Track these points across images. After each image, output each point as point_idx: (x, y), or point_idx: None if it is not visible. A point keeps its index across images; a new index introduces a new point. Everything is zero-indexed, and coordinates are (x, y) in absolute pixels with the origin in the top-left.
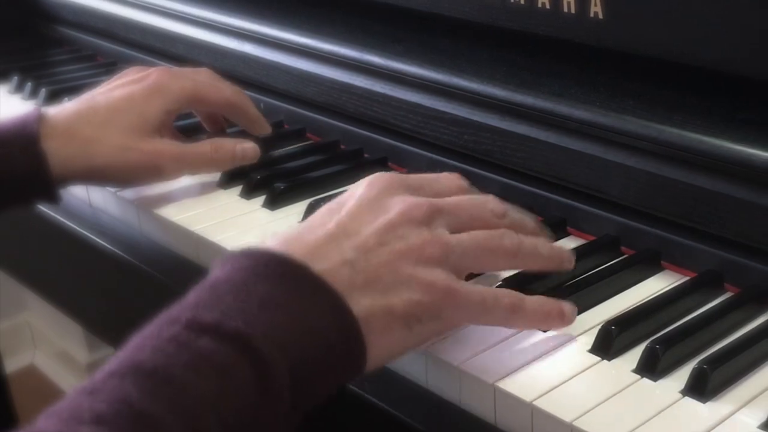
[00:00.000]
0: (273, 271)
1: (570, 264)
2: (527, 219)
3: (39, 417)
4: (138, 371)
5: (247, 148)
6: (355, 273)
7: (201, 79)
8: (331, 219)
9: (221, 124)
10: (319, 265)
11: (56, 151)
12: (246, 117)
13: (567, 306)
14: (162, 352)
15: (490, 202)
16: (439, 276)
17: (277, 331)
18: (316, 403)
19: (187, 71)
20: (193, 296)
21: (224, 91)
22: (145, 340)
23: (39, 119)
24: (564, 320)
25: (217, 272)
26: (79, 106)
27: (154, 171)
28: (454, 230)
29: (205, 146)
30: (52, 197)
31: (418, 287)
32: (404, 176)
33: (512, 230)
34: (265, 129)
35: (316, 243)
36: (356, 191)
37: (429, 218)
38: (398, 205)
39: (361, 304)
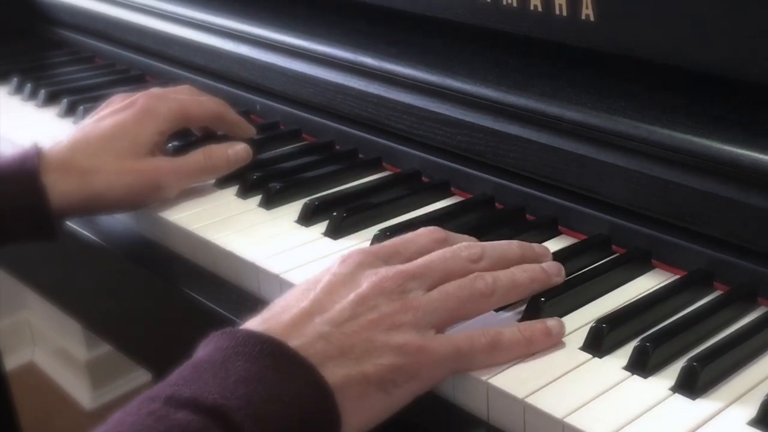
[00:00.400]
0: (251, 348)
1: (560, 277)
2: (510, 247)
3: None
4: None
5: (239, 150)
6: (330, 345)
7: (184, 98)
8: (306, 297)
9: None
10: (294, 342)
11: (54, 185)
12: (230, 124)
13: (551, 322)
14: (141, 425)
15: (463, 250)
16: (410, 338)
17: (253, 403)
18: None
19: (170, 91)
20: (174, 376)
21: (207, 104)
22: (125, 416)
23: (38, 155)
24: (551, 338)
25: (199, 353)
26: (73, 139)
27: (155, 188)
28: (431, 289)
29: (198, 156)
30: (52, 233)
31: (390, 352)
32: (377, 247)
33: (492, 269)
34: (250, 131)
35: (292, 321)
36: (331, 269)
37: (401, 286)
38: (370, 277)
39: (336, 374)
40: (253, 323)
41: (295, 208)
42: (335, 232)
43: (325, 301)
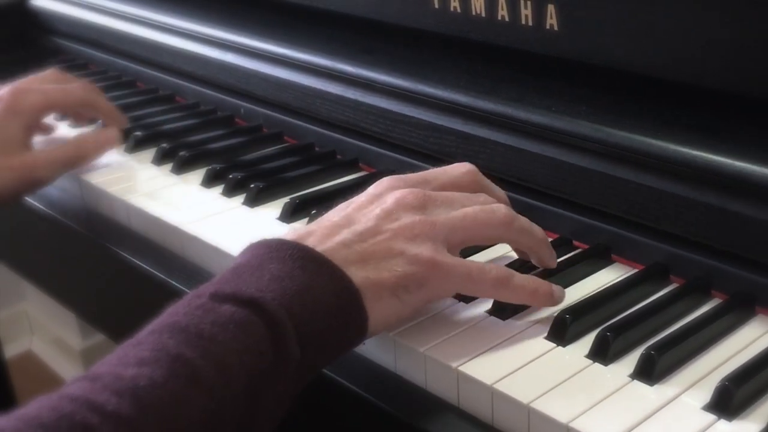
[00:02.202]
0: (283, 252)
1: (554, 262)
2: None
3: (92, 366)
4: (174, 328)
5: (109, 134)
6: (351, 252)
7: (49, 87)
8: (339, 214)
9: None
10: (321, 248)
11: None
12: (100, 111)
13: (556, 288)
14: (192, 315)
15: (481, 196)
16: (426, 250)
17: (286, 296)
18: (328, 360)
19: (34, 80)
20: (217, 277)
21: (74, 92)
22: (177, 308)
23: None
24: (552, 299)
25: (238, 259)
26: None
27: (31, 180)
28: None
29: (70, 144)
30: None
31: (405, 261)
32: (408, 175)
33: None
34: (121, 121)
35: (322, 233)
36: (366, 191)
37: (422, 204)
38: (395, 194)
39: (356, 276)
40: (288, 234)
41: (277, 206)
42: None
43: (354, 216)
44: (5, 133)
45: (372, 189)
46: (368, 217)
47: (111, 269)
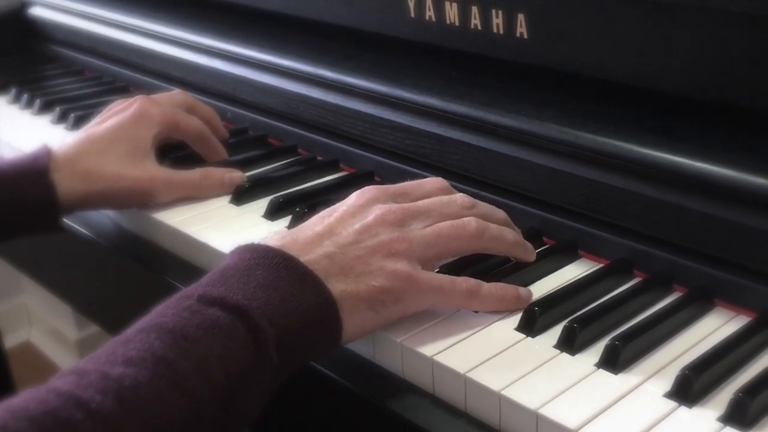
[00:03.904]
0: (269, 261)
1: (532, 256)
2: (497, 211)
3: (81, 360)
4: (161, 329)
5: (234, 177)
6: (333, 264)
7: (174, 109)
8: (321, 223)
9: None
10: (304, 257)
11: (60, 182)
12: (207, 147)
13: (523, 290)
14: (179, 316)
15: (459, 199)
16: (402, 266)
17: (269, 306)
18: (299, 366)
19: (164, 96)
20: (205, 278)
21: (194, 122)
22: (165, 308)
23: (48, 154)
24: (520, 302)
25: (226, 261)
26: (78, 140)
27: (147, 196)
28: (427, 227)
29: (195, 174)
30: (56, 225)
31: (383, 276)
32: (389, 187)
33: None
34: (222, 156)
35: (305, 241)
36: (347, 201)
37: (401, 220)
38: (376, 210)
39: (335, 288)
40: (273, 240)
41: (261, 204)
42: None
43: (336, 227)
44: (136, 136)
45: (353, 199)
46: (349, 231)
47: (105, 264)
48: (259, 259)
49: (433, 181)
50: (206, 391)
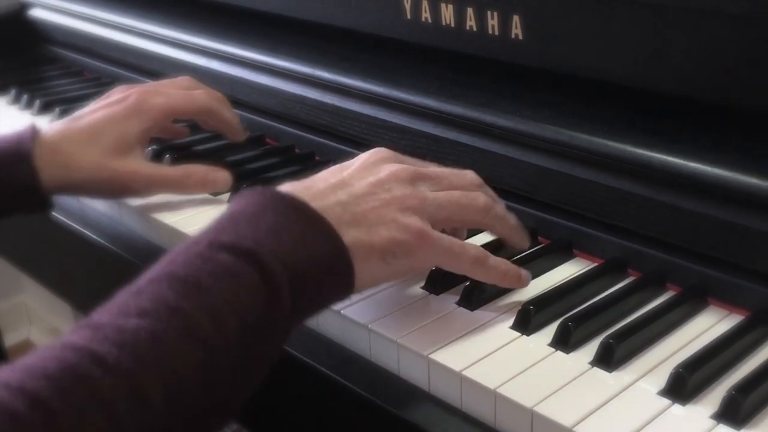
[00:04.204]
0: (279, 205)
1: (526, 244)
2: (499, 201)
3: (94, 313)
4: (172, 278)
5: (218, 177)
6: (345, 212)
7: (174, 92)
8: (334, 176)
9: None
10: (316, 204)
11: (43, 168)
12: (220, 122)
13: (524, 272)
14: (190, 264)
15: (469, 174)
16: (415, 221)
17: (280, 250)
18: (312, 313)
19: (165, 84)
20: (214, 224)
21: (198, 99)
22: (176, 256)
23: (32, 137)
24: (520, 282)
25: (233, 206)
26: (65, 127)
27: (125, 189)
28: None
29: (177, 171)
30: (44, 206)
31: (395, 228)
32: (400, 154)
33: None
34: (239, 135)
35: (318, 190)
36: (360, 157)
37: (413, 179)
38: (390, 167)
39: (347, 235)
40: (283, 187)
41: None
42: None
43: (349, 180)
44: (122, 131)
45: (366, 156)
46: (363, 183)
47: (104, 263)
48: (269, 203)
49: (444, 168)
50: (222, 339)
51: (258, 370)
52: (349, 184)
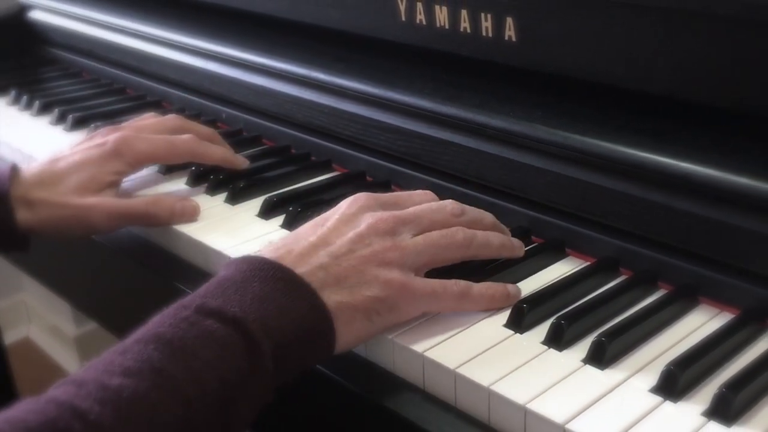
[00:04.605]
0: (266, 273)
1: (521, 251)
2: (486, 215)
3: (79, 369)
4: (159, 339)
5: (186, 206)
6: (328, 275)
7: (155, 139)
8: (314, 232)
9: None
10: (300, 269)
11: (17, 207)
12: (213, 161)
13: (512, 288)
14: (177, 327)
15: (448, 206)
16: (396, 275)
17: (265, 318)
18: (294, 375)
19: (151, 126)
20: (202, 289)
21: (178, 147)
22: (163, 318)
23: (11, 177)
24: (509, 299)
25: (223, 272)
26: (42, 167)
27: (86, 225)
28: (418, 235)
29: (140, 202)
30: (22, 246)
31: (377, 285)
32: (380, 195)
33: (468, 226)
34: (236, 165)
35: (300, 252)
36: (339, 209)
37: (393, 229)
38: (368, 219)
39: (331, 299)
40: (268, 251)
41: (256, 203)
42: (291, 224)
43: (329, 237)
44: (94, 173)
45: (345, 207)
46: (343, 240)
47: (102, 262)
48: (256, 271)
49: (424, 194)
50: (203, 401)
51: (238, 425)
52: (330, 243)
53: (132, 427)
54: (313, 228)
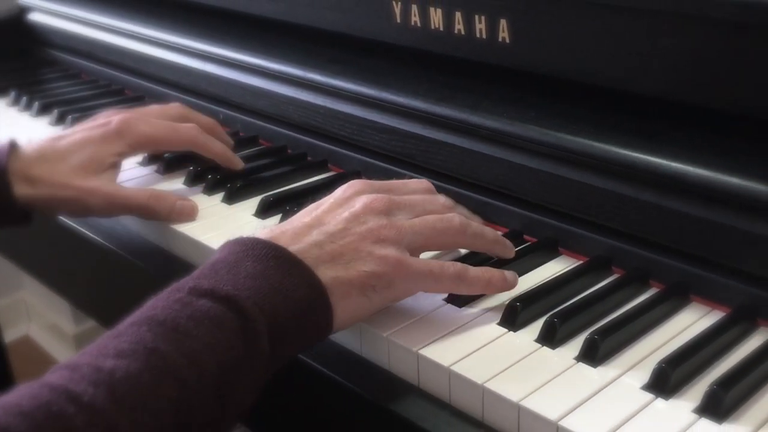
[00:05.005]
0: (258, 251)
1: (511, 252)
2: (475, 216)
3: (74, 355)
4: (152, 321)
5: (186, 205)
6: (322, 252)
7: (158, 123)
8: (309, 215)
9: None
10: (294, 247)
11: (15, 185)
12: (210, 155)
13: (509, 273)
14: (170, 309)
15: (441, 198)
16: (392, 252)
17: (259, 295)
18: (292, 354)
19: (154, 112)
20: (196, 272)
21: (180, 133)
22: (157, 301)
23: (9, 152)
24: (506, 284)
25: (216, 255)
26: (44, 144)
27: (86, 207)
28: (414, 218)
29: (143, 194)
30: (21, 220)
31: (373, 261)
32: (375, 182)
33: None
34: (233, 164)
35: (294, 232)
36: (334, 194)
37: (387, 209)
38: (363, 199)
39: (326, 275)
40: (262, 233)
41: (252, 203)
42: None
43: (324, 217)
44: (96, 153)
45: (340, 192)
46: (338, 220)
47: (100, 261)
48: (248, 251)
49: (418, 182)
50: (198, 381)
51: (235, 407)
52: (324, 222)
53: (127, 407)
54: (308, 211)
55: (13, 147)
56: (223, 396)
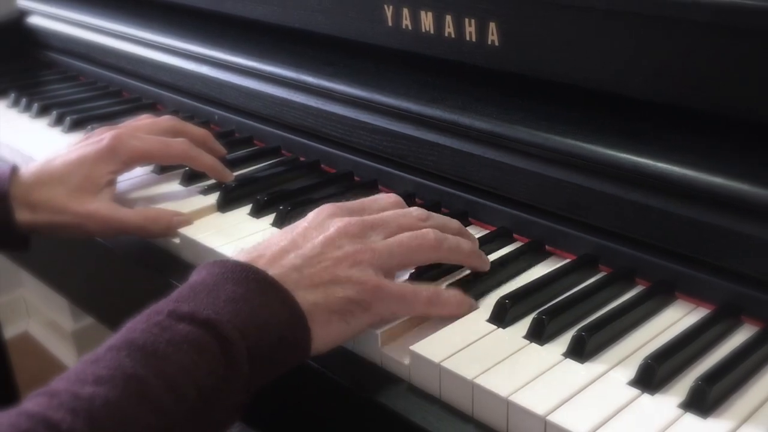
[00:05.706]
0: (238, 275)
1: (487, 265)
2: (452, 221)
3: (52, 381)
4: (131, 346)
5: (181, 221)
6: (301, 276)
7: (150, 138)
8: (285, 238)
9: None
10: (273, 271)
11: (16, 207)
12: (202, 168)
13: (472, 300)
14: (149, 333)
15: (414, 211)
16: (369, 276)
17: (239, 319)
18: (270, 377)
19: (146, 126)
20: (175, 294)
21: (172, 148)
22: (136, 324)
23: (10, 177)
24: (471, 309)
25: (194, 276)
26: (40, 167)
27: (84, 232)
28: (386, 238)
29: (138, 216)
30: (21, 245)
31: (351, 286)
32: (345, 203)
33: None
34: (223, 177)
35: (272, 255)
36: (307, 218)
37: (362, 232)
38: (337, 223)
39: (306, 300)
40: (240, 256)
41: (247, 202)
42: (281, 223)
43: (299, 241)
44: (90, 173)
45: (313, 215)
46: (314, 244)
47: (99, 259)
48: (228, 274)
49: (388, 197)
50: (176, 406)
51: (215, 429)
52: (300, 246)
53: None
54: (283, 234)
55: (14, 172)
56: (202, 420)
